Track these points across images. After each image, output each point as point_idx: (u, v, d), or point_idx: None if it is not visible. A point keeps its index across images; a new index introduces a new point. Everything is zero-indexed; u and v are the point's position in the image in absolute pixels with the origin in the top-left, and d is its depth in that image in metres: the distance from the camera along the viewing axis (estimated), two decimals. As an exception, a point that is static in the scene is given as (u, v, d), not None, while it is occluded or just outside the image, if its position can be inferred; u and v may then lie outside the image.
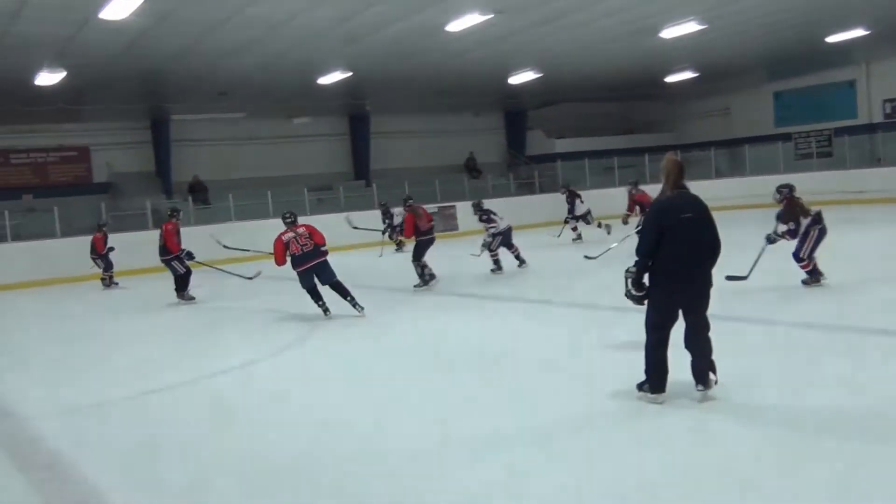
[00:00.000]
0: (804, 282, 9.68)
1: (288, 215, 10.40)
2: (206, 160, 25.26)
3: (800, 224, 9.49)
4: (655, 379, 5.29)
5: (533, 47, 20.05)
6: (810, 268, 9.62)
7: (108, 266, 16.79)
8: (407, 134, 28.80)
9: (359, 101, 26.20)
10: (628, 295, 5.38)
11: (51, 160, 24.18)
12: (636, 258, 5.28)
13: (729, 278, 9.04)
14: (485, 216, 14.02)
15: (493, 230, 13.86)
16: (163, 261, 13.13)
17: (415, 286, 12.50)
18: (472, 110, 29.94)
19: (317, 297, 10.26)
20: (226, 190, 23.16)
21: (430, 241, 12.85)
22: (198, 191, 24.08)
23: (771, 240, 9.64)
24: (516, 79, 24.06)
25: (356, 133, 28.58)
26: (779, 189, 9.86)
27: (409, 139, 28.88)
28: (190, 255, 13.05)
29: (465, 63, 21.03)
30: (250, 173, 25.20)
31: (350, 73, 20.67)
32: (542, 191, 28.15)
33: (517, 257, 14.16)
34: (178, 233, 13.03)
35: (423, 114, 28.27)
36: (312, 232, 10.20)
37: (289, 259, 10.08)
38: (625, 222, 16.20)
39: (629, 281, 5.29)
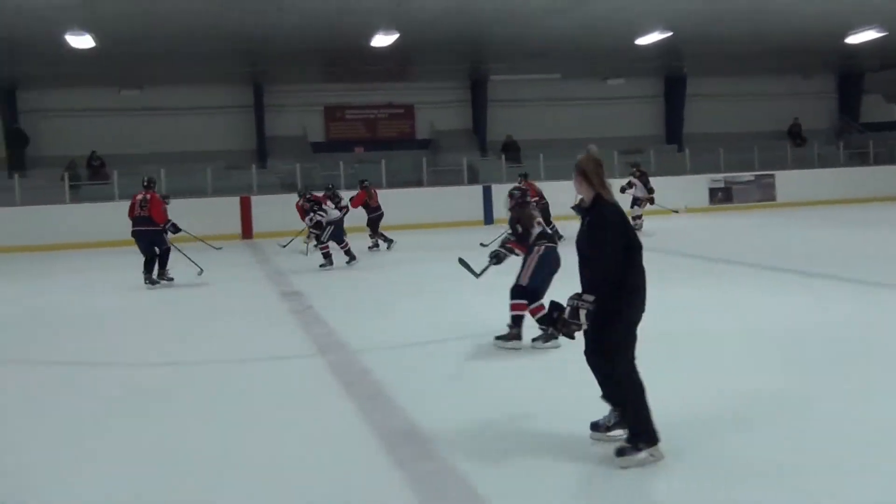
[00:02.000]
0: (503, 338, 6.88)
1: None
2: (520, 120, 25.88)
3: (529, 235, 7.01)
4: (651, 426, 4.16)
5: (879, 1, 18.04)
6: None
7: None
8: (725, 97, 27.37)
9: (676, 63, 25.35)
10: (573, 328, 4.22)
11: (380, 116, 26.22)
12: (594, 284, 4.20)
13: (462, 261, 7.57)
14: (315, 206, 13.40)
15: (321, 218, 13.27)
16: (143, 232, 11.74)
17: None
18: (800, 72, 27.69)
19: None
20: (537, 150, 23.63)
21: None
22: (511, 150, 24.79)
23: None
24: (856, 37, 21.80)
25: (671, 95, 27.73)
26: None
27: (727, 102, 27.40)
28: (175, 228, 11.99)
29: (798, 20, 19.45)
30: (561, 134, 25.42)
31: (669, 34, 19.99)
32: (876, 162, 25.50)
33: (347, 252, 13.29)
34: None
35: (745, 75, 26.64)
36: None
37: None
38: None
39: (583, 313, 4.14)
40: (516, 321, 6.81)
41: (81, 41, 17.01)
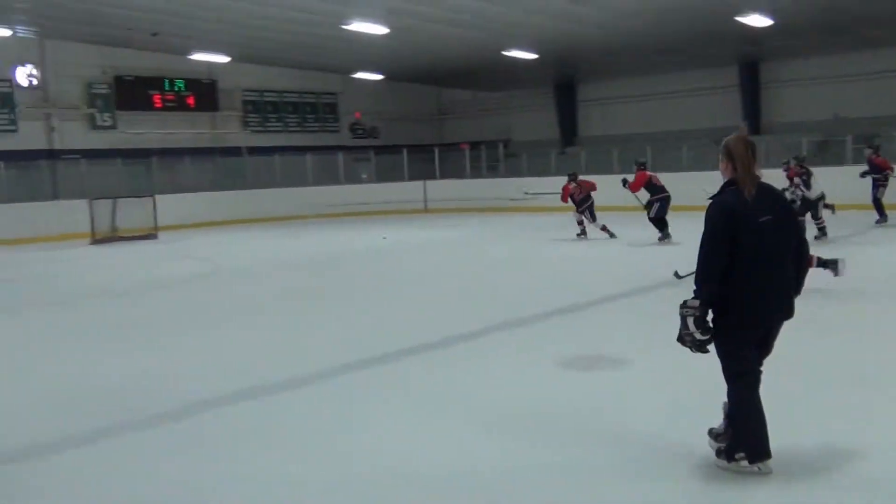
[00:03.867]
0: None
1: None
2: None
3: None
4: (754, 442, 3.82)
5: None
6: None
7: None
8: None
9: None
10: (688, 340, 3.76)
11: None
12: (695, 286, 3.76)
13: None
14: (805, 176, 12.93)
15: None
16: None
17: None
18: None
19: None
20: None
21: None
22: None
23: None
24: None
25: None
26: None
27: None
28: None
29: None
30: None
31: None
32: None
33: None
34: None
35: None
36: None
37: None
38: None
39: (691, 320, 3.71)
40: None
41: None
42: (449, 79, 31.28)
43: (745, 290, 3.77)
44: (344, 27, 20.31)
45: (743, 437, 3.89)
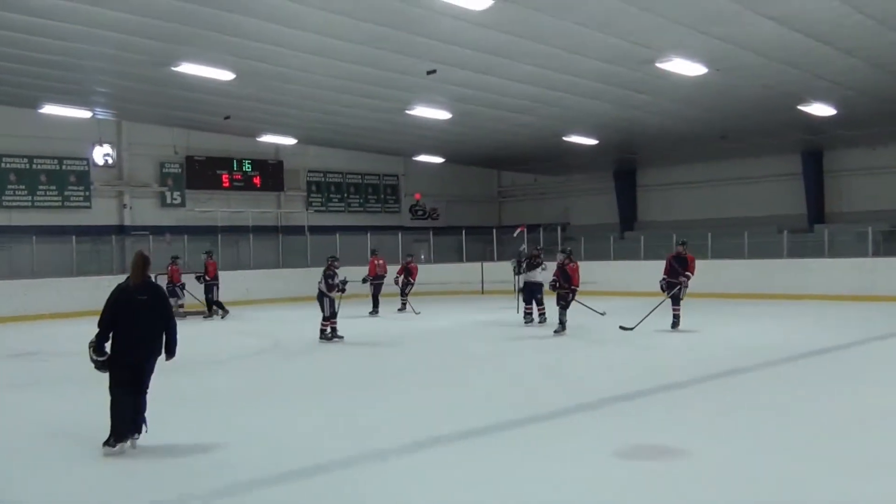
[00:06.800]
0: None
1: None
2: None
3: None
4: (120, 431, 6.49)
5: None
6: None
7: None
8: None
9: None
10: (92, 361, 6.60)
11: None
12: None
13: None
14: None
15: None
16: None
17: None
18: None
19: None
20: None
21: None
22: None
23: None
24: None
25: None
26: None
27: None
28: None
29: None
30: None
31: None
32: None
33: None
34: None
35: None
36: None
37: None
38: None
39: (91, 351, 6.56)
40: None
41: None
42: (509, 162, 31.70)
43: (122, 340, 6.57)
44: (408, 112, 20.84)
45: (113, 427, 6.48)
